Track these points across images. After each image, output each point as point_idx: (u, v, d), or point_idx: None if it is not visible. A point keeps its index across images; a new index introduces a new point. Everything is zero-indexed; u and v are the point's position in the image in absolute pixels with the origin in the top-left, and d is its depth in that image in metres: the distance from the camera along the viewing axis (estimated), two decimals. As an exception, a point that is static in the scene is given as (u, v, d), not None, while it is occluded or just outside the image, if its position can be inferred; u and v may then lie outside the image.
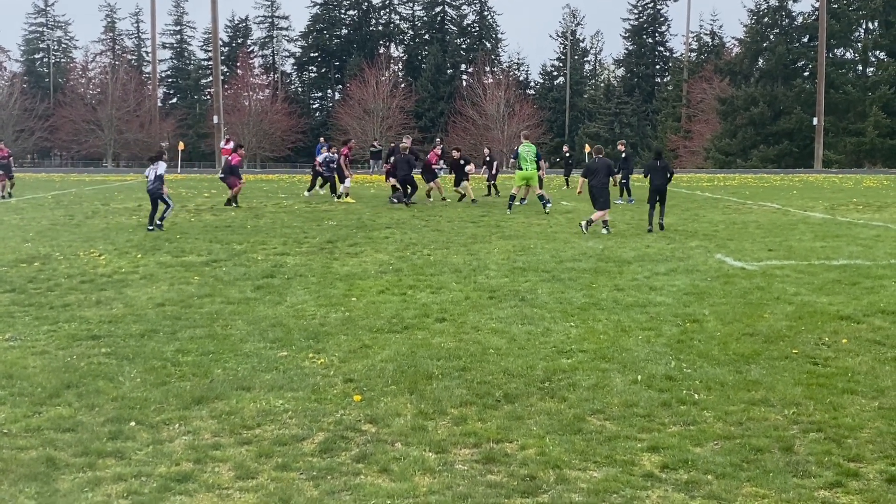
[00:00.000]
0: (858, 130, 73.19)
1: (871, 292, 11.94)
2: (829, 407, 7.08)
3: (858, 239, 18.14)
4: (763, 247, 16.82)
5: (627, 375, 7.98)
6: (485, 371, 8.13)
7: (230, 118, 78.36)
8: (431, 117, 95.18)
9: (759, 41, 78.69)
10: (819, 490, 5.51)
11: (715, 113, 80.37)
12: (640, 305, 11.13)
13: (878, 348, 8.96)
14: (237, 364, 8.36)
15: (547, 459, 5.97)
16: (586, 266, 14.27)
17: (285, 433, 6.51)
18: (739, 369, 8.16)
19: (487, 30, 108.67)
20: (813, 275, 13.37)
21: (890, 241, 17.75)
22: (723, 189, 37.33)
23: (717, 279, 12.99)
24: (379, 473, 5.77)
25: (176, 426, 6.67)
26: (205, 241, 17.78)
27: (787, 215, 23.89)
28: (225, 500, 5.34)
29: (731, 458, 5.99)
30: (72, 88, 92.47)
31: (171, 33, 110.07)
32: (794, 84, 76.04)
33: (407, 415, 6.92)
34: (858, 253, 15.97)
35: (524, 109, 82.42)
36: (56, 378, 7.82)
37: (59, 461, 5.92)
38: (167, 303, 11.38)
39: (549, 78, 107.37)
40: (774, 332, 9.58)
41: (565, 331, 9.77)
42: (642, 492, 5.48)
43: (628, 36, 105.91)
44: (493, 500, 5.35)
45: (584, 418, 6.84)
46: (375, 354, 8.72)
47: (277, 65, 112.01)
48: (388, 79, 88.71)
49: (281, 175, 56.20)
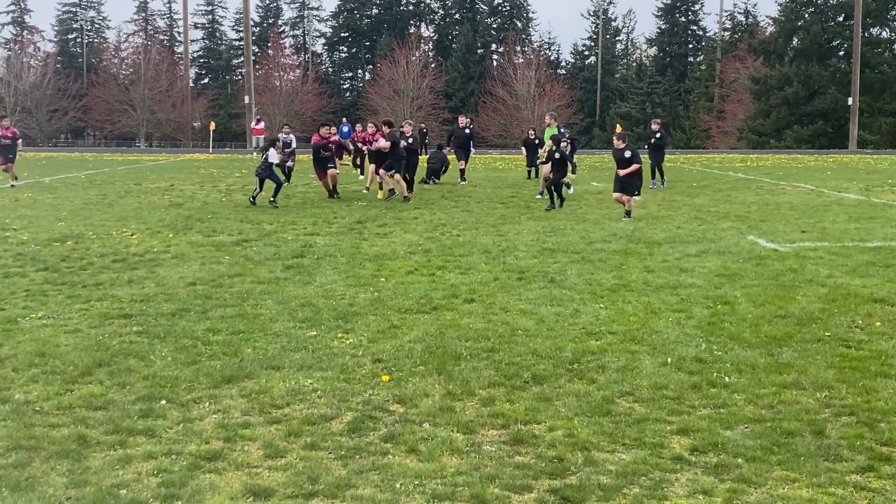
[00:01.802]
0: (894, 111, 72.23)
1: (906, 275, 11.79)
2: (862, 390, 7.01)
3: (893, 221, 17.93)
4: (796, 228, 16.66)
5: (657, 357, 7.93)
6: (513, 352, 8.11)
7: (261, 98, 78.48)
8: (461, 97, 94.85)
9: (794, 20, 77.70)
10: (851, 474, 5.45)
11: (748, 93, 79.56)
12: (671, 287, 11.06)
13: (912, 331, 8.85)
14: (267, 343, 8.40)
15: (575, 441, 5.95)
16: (616, 247, 14.19)
17: (314, 412, 6.53)
18: (771, 352, 8.09)
19: (518, 9, 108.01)
20: (847, 257, 13.23)
21: (925, 222, 17.53)
22: (756, 170, 37.00)
23: (749, 261, 12.88)
24: (407, 453, 5.78)
25: (206, 405, 6.71)
26: (235, 220, 17.85)
27: (821, 196, 23.65)
28: (254, 479, 5.37)
29: (761, 441, 5.94)
30: (105, 69, 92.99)
31: (202, 14, 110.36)
32: (828, 63, 75.12)
33: (435, 395, 6.92)
34: (893, 235, 15.78)
35: (555, 89, 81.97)
36: (88, 356, 7.89)
37: (90, 439, 5.97)
38: (198, 282, 11.44)
39: (580, 58, 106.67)
40: (807, 315, 9.49)
41: (594, 312, 9.73)
42: (671, 474, 5.45)
43: (661, 15, 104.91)
44: (521, 481, 5.34)
45: (613, 400, 6.81)
46: (404, 335, 8.73)
47: (308, 45, 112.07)
48: (419, 59, 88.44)
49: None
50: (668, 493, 5.19)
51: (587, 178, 30.12)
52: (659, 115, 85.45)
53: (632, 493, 5.18)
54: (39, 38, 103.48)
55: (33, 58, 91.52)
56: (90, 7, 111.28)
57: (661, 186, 26.86)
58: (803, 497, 5.12)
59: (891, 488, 5.26)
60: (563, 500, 5.11)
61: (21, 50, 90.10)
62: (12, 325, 9.13)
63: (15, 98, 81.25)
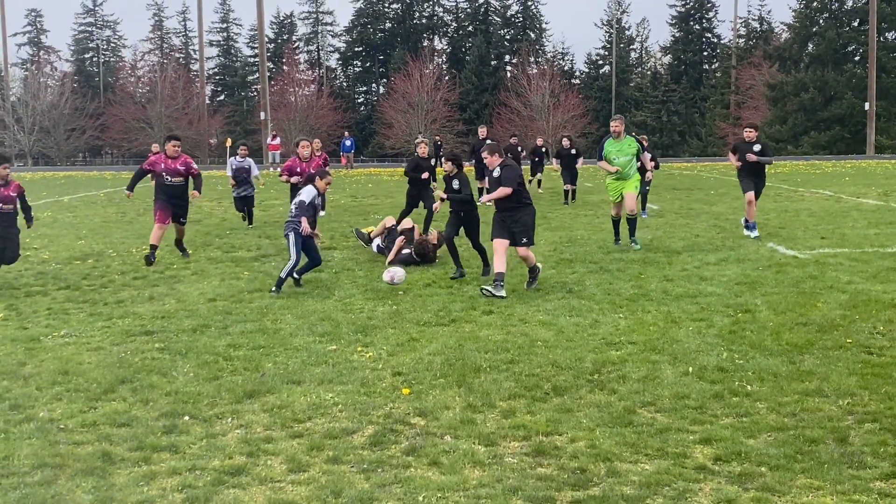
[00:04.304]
0: (911, 115, 71.88)
1: (927, 280, 11.73)
2: (885, 397, 6.97)
3: (913, 225, 17.82)
4: (815, 234, 16.60)
5: (678, 367, 7.92)
6: (533, 363, 8.11)
7: (277, 114, 78.84)
8: (476, 109, 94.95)
9: (809, 26, 77.53)
10: (875, 481, 5.43)
11: (764, 99, 79.43)
12: (691, 296, 11.04)
13: (934, 337, 8.80)
14: (287, 358, 8.43)
15: (597, 452, 5.94)
16: (634, 257, 14.17)
17: (336, 426, 6.54)
18: (793, 360, 8.06)
19: (531, 20, 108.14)
20: (867, 262, 13.17)
21: (945, 227, 17.43)
22: (774, 176, 36.88)
23: (769, 268, 12.84)
24: (429, 466, 5.78)
25: (228, 420, 6.74)
26: (254, 236, 17.92)
27: (840, 202, 23.55)
28: (278, 494, 5.39)
29: (784, 449, 5.92)
30: (121, 87, 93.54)
31: (217, 31, 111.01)
32: (844, 69, 74.91)
33: (456, 408, 6.93)
34: (913, 240, 15.70)
35: (569, 99, 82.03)
36: (111, 373, 7.94)
37: (114, 456, 6.00)
38: (218, 298, 11.49)
39: (594, 67, 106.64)
40: (828, 322, 9.45)
41: (614, 322, 9.72)
42: (695, 484, 5.44)
43: (675, 23, 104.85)
44: (544, 492, 5.34)
45: (635, 411, 6.80)
46: (423, 347, 8.74)
47: (322, 60, 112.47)
48: (432, 71, 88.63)
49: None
50: (691, 503, 5.18)
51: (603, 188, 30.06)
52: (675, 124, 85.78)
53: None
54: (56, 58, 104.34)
55: (50, 77, 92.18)
56: (106, 26, 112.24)
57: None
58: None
59: (916, 495, 5.23)
60: (587, 511, 5.10)
61: (38, 70, 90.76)
62: (35, 343, 9.19)
63: (33, 118, 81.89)
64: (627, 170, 15.14)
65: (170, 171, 14.71)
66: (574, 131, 76.80)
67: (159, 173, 14.77)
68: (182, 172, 14.82)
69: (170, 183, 14.73)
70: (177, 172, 14.78)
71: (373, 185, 34.88)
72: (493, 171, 11.97)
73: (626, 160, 15.11)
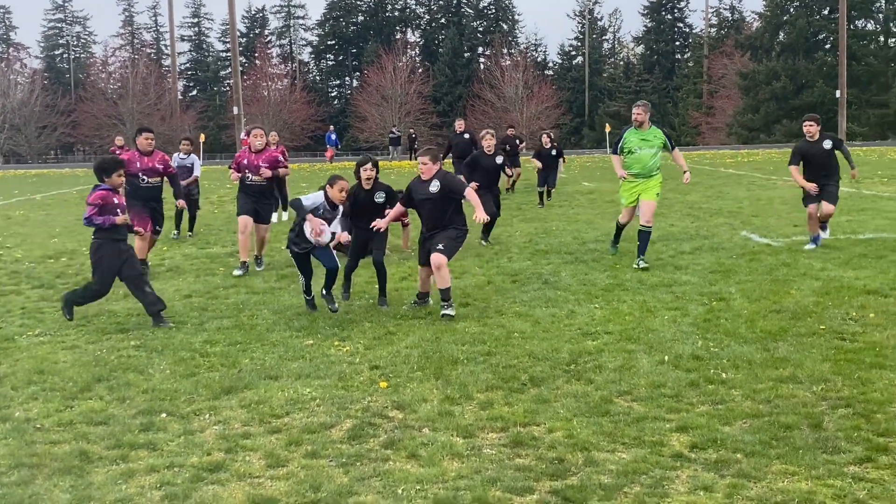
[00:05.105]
0: (882, 102, 72.56)
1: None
2: (858, 382, 7.05)
3: (884, 212, 18.00)
4: (788, 222, 16.72)
5: (654, 356, 7.97)
6: (510, 355, 8.14)
7: (250, 109, 78.51)
8: (449, 101, 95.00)
9: (780, 14, 78.03)
10: (849, 466, 5.49)
11: (737, 88, 79.89)
12: (666, 285, 11.10)
13: (905, 322, 8.89)
14: (264, 353, 8.42)
15: (575, 442, 5.97)
16: (609, 247, 14.22)
17: (314, 421, 6.55)
18: (767, 347, 8.13)
19: (504, 11, 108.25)
20: (839, 249, 13.28)
21: (916, 213, 17.60)
22: (747, 165, 37.10)
23: (743, 256, 12.93)
24: (407, 459, 5.80)
25: (206, 416, 6.72)
26: (228, 232, 17.86)
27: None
28: (257, 489, 5.39)
29: (760, 436, 5.98)
30: (92, 83, 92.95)
31: (188, 26, 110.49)
32: (815, 57, 75.41)
33: (433, 400, 6.95)
34: (884, 226, 15.85)
35: (543, 90, 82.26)
36: (87, 372, 7.90)
37: (92, 454, 5.98)
38: (194, 294, 11.45)
39: (567, 58, 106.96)
40: (801, 309, 9.53)
41: (590, 312, 9.76)
42: (672, 472, 5.48)
43: (647, 13, 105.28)
44: (522, 483, 5.36)
45: (612, 400, 6.84)
46: (400, 341, 8.75)
47: (295, 54, 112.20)
48: (406, 64, 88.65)
49: (301, 164, 56.33)
50: (668, 491, 5.22)
51: (577, 178, 30.15)
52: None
53: (633, 492, 5.21)
54: (26, 55, 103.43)
55: (20, 75, 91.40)
56: (76, 22, 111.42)
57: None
58: (802, 490, 5.15)
59: (889, 478, 5.29)
60: (565, 501, 5.13)
61: (7, 67, 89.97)
62: (10, 343, 9.13)
63: (3, 116, 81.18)
64: (650, 164, 12.77)
65: (146, 171, 12.98)
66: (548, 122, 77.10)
67: (134, 174, 12.78)
68: (160, 171, 13.13)
69: (146, 184, 12.99)
70: (154, 171, 13.08)
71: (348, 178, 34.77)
72: (430, 184, 9.94)
73: (649, 153, 12.73)
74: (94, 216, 9.56)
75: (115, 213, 9.62)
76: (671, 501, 5.08)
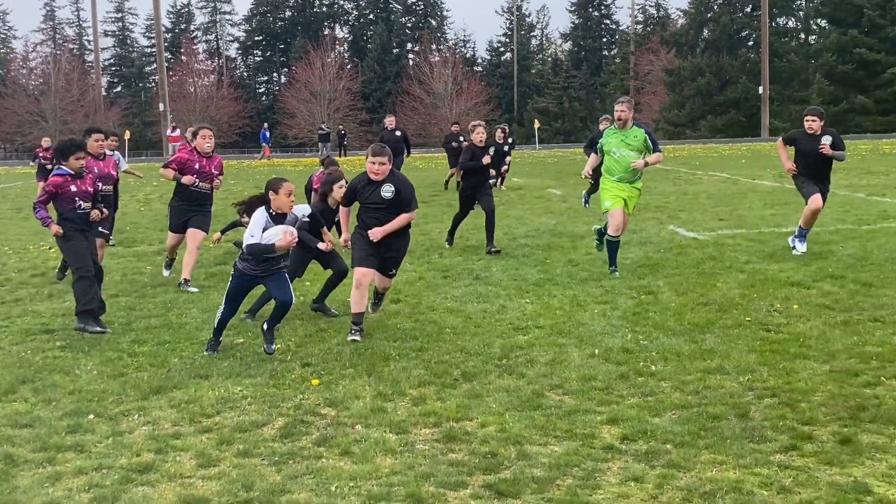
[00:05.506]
0: (803, 98, 74.04)
1: (820, 258, 12.13)
2: (783, 372, 7.20)
3: (806, 205, 18.37)
4: (714, 216, 17.00)
5: (584, 349, 8.04)
6: (442, 350, 8.16)
7: (176, 105, 77.49)
8: (379, 97, 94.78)
9: (704, 12, 79.32)
10: (775, 454, 5.60)
11: (662, 84, 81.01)
12: (595, 279, 11.21)
13: (827, 313, 9.11)
14: (194, 352, 8.32)
15: (507, 436, 6.01)
16: (539, 242, 14.33)
17: (245, 419, 6.49)
18: (695, 339, 8.26)
19: (432, 7, 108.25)
20: (763, 242, 13.55)
21: (836, 206, 18.00)
22: (673, 160, 37.61)
23: (671, 250, 13.11)
24: (340, 456, 5.78)
25: (135, 417, 6.62)
26: (155, 230, 17.58)
27: (737, 184, 24.15)
28: (188, 489, 5.32)
29: (688, 426, 6.07)
30: (13, 80, 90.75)
31: (112, 21, 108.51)
32: (739, 54, 76.86)
33: (366, 397, 6.93)
34: (806, 219, 16.18)
35: (472, 87, 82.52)
36: (11, 374, 7.72)
37: (17, 458, 5.85)
38: (121, 294, 11.27)
39: (496, 54, 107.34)
40: (728, 301, 9.70)
41: (521, 307, 9.82)
42: (603, 464, 5.54)
43: (574, 10, 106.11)
44: (456, 478, 5.38)
45: (543, 394, 6.89)
46: (331, 338, 8.71)
47: (222, 50, 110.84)
48: (334, 60, 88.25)
49: (229, 161, 55.70)
50: (600, 483, 5.28)
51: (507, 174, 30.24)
52: (576, 109, 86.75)
53: (565, 485, 5.26)
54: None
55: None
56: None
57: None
58: (730, 479, 5.24)
59: (813, 466, 5.41)
60: (498, 495, 5.16)
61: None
62: (-71, 345, 8.89)
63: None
64: (632, 169, 11.55)
65: (100, 178, 11.13)
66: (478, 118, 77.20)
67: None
68: (114, 177, 12.59)
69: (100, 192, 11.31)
70: (108, 178, 12.18)
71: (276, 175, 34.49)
72: (382, 187, 8.92)
73: (629, 156, 11.50)
74: (40, 205, 9.21)
75: (72, 201, 9.17)
76: (603, 493, 5.14)
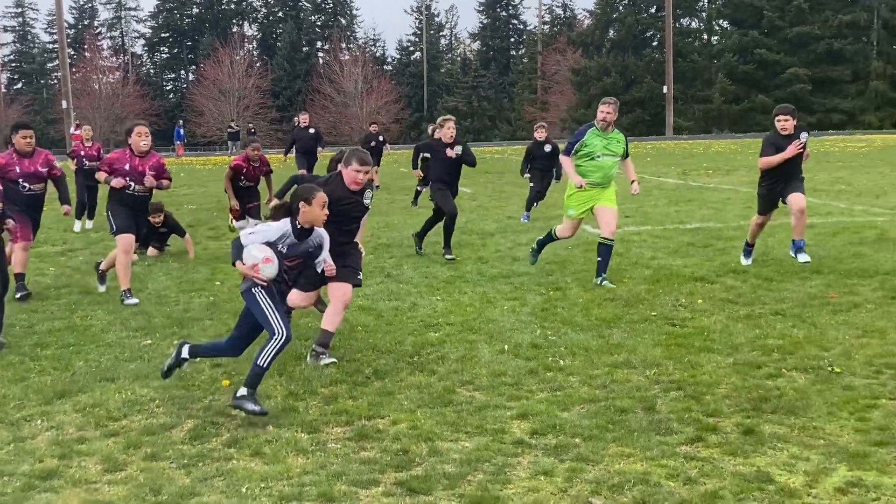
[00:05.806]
0: (706, 97, 75.89)
1: (723, 253, 12.43)
2: (688, 366, 7.36)
3: (709, 202, 18.82)
4: (620, 214, 17.22)
5: (494, 346, 8.11)
6: (353, 349, 8.14)
7: (80, 102, 75.68)
8: (289, 96, 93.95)
9: (609, 12, 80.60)
10: (681, 446, 5.72)
11: (569, 84, 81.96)
12: (504, 276, 11.31)
13: (730, 307, 9.34)
14: (99, 355, 8.15)
15: (419, 433, 6.03)
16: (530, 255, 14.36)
17: (153, 422, 6.38)
18: (602, 334, 8.39)
19: (342, 6, 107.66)
20: (668, 239, 13.82)
21: (738, 203, 18.47)
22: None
23: (578, 247, 13.28)
24: (251, 457, 5.73)
25: (38, 422, 6.46)
26: (58, 230, 17.17)
27: (642, 182, 24.44)
28: (93, 495, 5.22)
29: (597, 420, 6.16)
30: None
31: (12, 16, 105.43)
32: (644, 54, 78.26)
33: (277, 396, 6.88)
34: (710, 216, 16.58)
35: (382, 85, 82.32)
36: None
37: (-87, 466, 5.67)
38: (22, 296, 10.97)
39: (405, 53, 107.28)
40: (634, 296, 9.87)
41: (432, 305, 9.86)
42: (513, 458, 5.59)
43: (482, 9, 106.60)
44: (368, 476, 5.38)
45: (454, 390, 6.93)
46: (242, 338, 8.60)
47: (127, 46, 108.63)
48: (243, 58, 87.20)
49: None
50: (510, 477, 5.33)
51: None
52: (485, 109, 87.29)
53: (476, 480, 5.29)
54: None
55: None
56: None
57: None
58: (638, 471, 5.34)
59: (718, 456, 5.55)
60: (410, 492, 5.17)
61: None
62: None
63: None
64: (610, 174, 10.81)
65: (28, 177, 10.86)
66: (388, 117, 77.24)
67: (13, 180, 10.71)
68: (44, 175, 11.11)
69: (28, 192, 10.92)
70: (37, 177, 11.02)
71: (185, 174, 34.02)
72: (364, 195, 8.07)
73: (610, 160, 10.78)
74: None
75: None
76: (513, 487, 5.19)
